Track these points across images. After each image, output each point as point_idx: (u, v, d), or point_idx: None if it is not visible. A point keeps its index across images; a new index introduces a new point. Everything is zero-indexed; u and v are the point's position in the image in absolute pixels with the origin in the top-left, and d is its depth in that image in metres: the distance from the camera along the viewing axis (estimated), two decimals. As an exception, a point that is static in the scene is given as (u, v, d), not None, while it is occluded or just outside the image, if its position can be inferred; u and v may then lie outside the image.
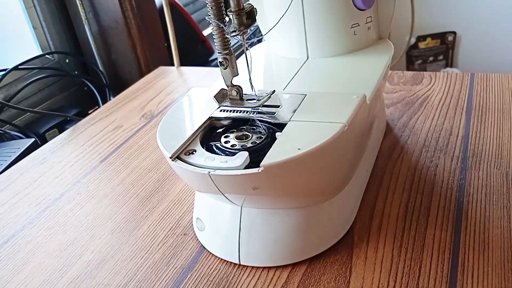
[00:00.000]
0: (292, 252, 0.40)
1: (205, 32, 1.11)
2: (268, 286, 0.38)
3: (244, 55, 0.39)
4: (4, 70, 0.81)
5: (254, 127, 0.40)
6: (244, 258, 0.40)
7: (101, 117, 0.72)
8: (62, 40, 0.93)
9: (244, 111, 0.40)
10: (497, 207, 0.43)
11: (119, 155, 0.61)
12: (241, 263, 0.41)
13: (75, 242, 0.46)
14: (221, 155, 0.37)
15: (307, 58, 0.50)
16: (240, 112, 0.40)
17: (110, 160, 0.60)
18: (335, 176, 0.39)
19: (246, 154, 0.35)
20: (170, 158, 0.37)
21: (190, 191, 0.51)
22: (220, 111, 0.41)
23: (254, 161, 0.34)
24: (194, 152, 0.37)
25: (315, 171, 0.36)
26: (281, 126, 0.38)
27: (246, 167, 0.34)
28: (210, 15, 0.36)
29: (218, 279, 0.40)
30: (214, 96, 0.40)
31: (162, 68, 0.87)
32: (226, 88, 0.40)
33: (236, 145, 0.38)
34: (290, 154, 0.33)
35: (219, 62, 0.38)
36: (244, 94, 0.40)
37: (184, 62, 0.87)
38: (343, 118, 0.36)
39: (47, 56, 0.91)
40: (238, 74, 0.39)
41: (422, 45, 1.87)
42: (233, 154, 0.36)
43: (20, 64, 0.83)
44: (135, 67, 0.94)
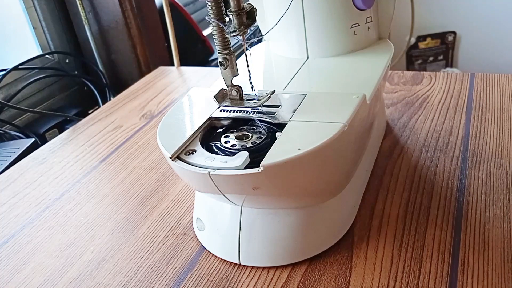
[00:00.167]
0: (292, 252, 0.40)
1: (205, 32, 1.11)
2: (268, 286, 0.38)
3: (244, 55, 0.39)
4: (4, 70, 0.81)
5: (254, 127, 0.40)
6: (244, 258, 0.40)
7: (101, 117, 0.72)
8: (62, 40, 0.93)
9: (244, 111, 0.40)
10: (497, 207, 0.43)
11: (119, 155, 0.61)
12: (241, 263, 0.41)
13: (75, 242, 0.46)
14: (221, 155, 0.37)
15: (307, 58, 0.50)
16: (240, 112, 0.40)
17: (110, 160, 0.60)
18: (335, 176, 0.39)
19: (246, 154, 0.35)
20: (170, 158, 0.37)
21: (190, 191, 0.51)
22: (220, 111, 0.41)
23: (254, 161, 0.34)
24: (194, 152, 0.37)
25: (315, 171, 0.36)
26: (281, 126, 0.38)
27: (246, 167, 0.34)
28: (210, 15, 0.36)
29: (218, 279, 0.40)
30: (214, 96, 0.40)
31: (162, 68, 0.87)
32: (226, 88, 0.40)
33: (236, 145, 0.38)
34: (290, 154, 0.33)
35: (219, 62, 0.38)
36: (244, 94, 0.40)
37: (184, 62, 0.87)
38: (343, 118, 0.36)
39: (47, 56, 0.91)
40: (238, 74, 0.39)
41: (422, 45, 1.88)
42: (233, 154, 0.36)
43: (20, 64, 0.83)
44: (135, 67, 0.94)
